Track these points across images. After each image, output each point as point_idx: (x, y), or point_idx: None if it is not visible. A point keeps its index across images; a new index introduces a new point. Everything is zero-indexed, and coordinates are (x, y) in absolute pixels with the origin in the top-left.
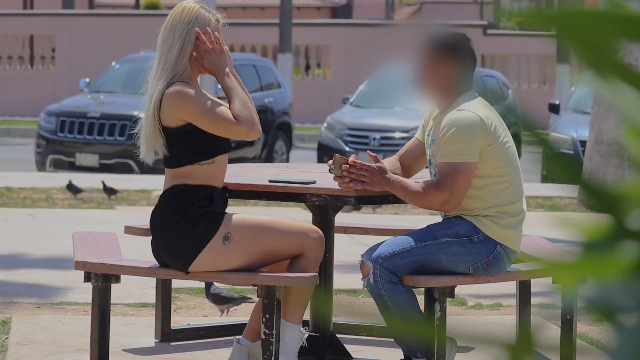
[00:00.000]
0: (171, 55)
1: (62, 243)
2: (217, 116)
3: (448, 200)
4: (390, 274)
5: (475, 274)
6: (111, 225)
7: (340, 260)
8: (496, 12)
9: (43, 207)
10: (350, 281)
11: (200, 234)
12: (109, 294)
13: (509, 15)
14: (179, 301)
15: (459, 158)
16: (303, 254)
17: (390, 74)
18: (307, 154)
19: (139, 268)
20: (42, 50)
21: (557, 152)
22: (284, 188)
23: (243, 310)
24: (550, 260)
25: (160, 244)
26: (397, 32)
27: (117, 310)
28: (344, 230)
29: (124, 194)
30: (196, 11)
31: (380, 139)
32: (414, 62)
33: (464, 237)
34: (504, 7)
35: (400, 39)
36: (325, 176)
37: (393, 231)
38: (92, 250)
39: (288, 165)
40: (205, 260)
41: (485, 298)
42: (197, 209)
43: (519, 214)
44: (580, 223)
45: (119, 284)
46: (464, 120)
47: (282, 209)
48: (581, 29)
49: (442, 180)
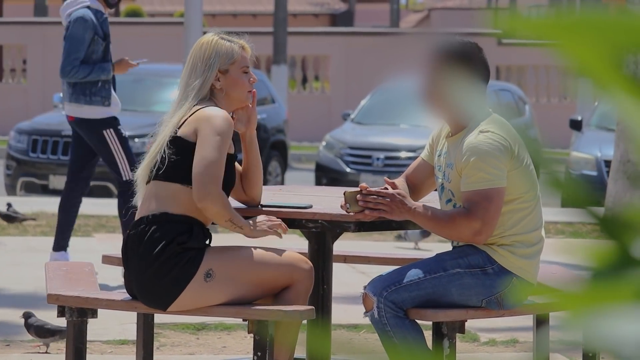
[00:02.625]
0: (192, 87)
1: (34, 274)
2: (210, 166)
3: (481, 231)
4: (396, 308)
5: (489, 308)
6: (88, 255)
7: (340, 292)
8: (492, 19)
9: (13, 234)
10: (351, 315)
11: (180, 274)
12: (85, 330)
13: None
14: (162, 337)
15: (488, 184)
16: (291, 286)
17: (395, 87)
18: (304, 176)
19: (118, 302)
20: (12, 62)
21: (559, 173)
22: (277, 213)
23: (234, 346)
24: (569, 293)
25: (135, 281)
26: (403, 42)
27: (94, 348)
28: (344, 259)
29: (102, 220)
30: (215, 44)
31: (384, 158)
32: (422, 74)
33: (477, 268)
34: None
35: (406, 49)
36: (323, 200)
37: (398, 260)
38: (66, 282)
39: (282, 187)
40: (185, 300)
41: (499, 333)
42: (176, 246)
43: (538, 242)
44: (588, 250)
45: (96, 319)
46: (489, 144)
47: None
48: (583, 38)
49: (473, 208)
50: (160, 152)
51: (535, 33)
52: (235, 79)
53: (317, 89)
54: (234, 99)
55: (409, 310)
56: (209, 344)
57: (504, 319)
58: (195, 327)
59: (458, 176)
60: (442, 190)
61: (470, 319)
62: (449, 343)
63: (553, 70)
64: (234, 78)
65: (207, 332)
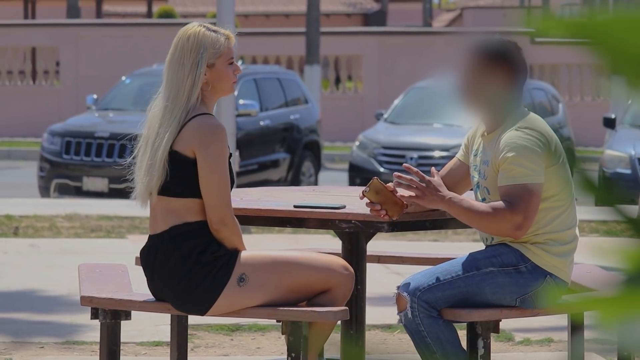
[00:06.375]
0: (183, 92)
1: (68, 276)
2: (219, 185)
3: (522, 224)
4: (429, 308)
5: (523, 307)
6: (121, 256)
7: (373, 293)
8: (526, 20)
9: (47, 236)
10: (385, 316)
11: (213, 282)
12: (118, 331)
13: (533, 22)
14: (196, 339)
15: (529, 179)
16: (329, 290)
17: (428, 86)
18: (337, 176)
19: (152, 303)
20: (45, 64)
21: (589, 172)
22: (310, 214)
23: (267, 347)
24: (604, 293)
25: (168, 292)
26: (436, 41)
27: (128, 349)
28: (377, 259)
29: (136, 221)
30: (202, 36)
31: (417, 158)
32: (460, 73)
33: (511, 266)
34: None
35: (439, 48)
36: (356, 200)
37: (431, 260)
38: (100, 283)
39: (316, 188)
40: (222, 305)
41: (533, 332)
42: (209, 255)
43: (572, 240)
44: (623, 251)
45: (130, 320)
46: (528, 140)
47: (310, 236)
48: (616, 37)
49: (515, 202)
50: (160, 167)
51: (570, 33)
52: (222, 71)
53: (350, 89)
54: (218, 90)
55: (443, 311)
56: (243, 345)
57: (539, 318)
58: (230, 328)
59: (494, 173)
60: (477, 189)
61: (504, 318)
62: (483, 343)
63: (586, 69)
64: (220, 71)
65: (241, 333)
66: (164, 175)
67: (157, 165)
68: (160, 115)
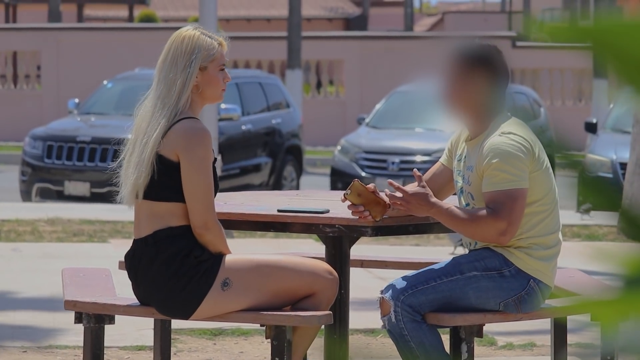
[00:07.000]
0: (174, 92)
1: (50, 280)
2: (203, 188)
3: (506, 231)
4: (413, 312)
5: (506, 311)
6: (104, 260)
7: (357, 297)
8: (526, 24)
9: (29, 241)
10: (368, 320)
11: (197, 287)
12: (102, 336)
13: (540, 27)
14: (179, 343)
15: (512, 185)
16: (313, 294)
17: (410, 91)
18: (319, 180)
19: (136, 308)
20: (26, 68)
21: (594, 176)
22: (294, 218)
23: (251, 352)
24: (589, 297)
25: (152, 296)
26: (417, 45)
27: (112, 354)
28: (361, 263)
29: (118, 225)
30: (197, 39)
31: (399, 162)
32: (442, 78)
33: (494, 270)
34: (535, 19)
35: (421, 52)
36: (339, 204)
37: (414, 264)
38: (83, 288)
39: (299, 192)
40: (206, 309)
41: (516, 336)
42: (193, 259)
43: (556, 245)
44: (620, 255)
45: (113, 325)
46: (511, 145)
47: (292, 240)
48: (620, 42)
49: (498, 208)
50: (148, 165)
51: (562, 38)
52: (212, 76)
53: (331, 93)
54: (207, 96)
55: (427, 315)
56: (226, 350)
57: (522, 322)
58: (213, 332)
59: (479, 178)
60: (461, 194)
61: (488, 322)
62: (467, 347)
63: (568, 73)
64: (211, 76)
65: (224, 338)
66: (152, 174)
67: (145, 162)
68: (149, 116)
